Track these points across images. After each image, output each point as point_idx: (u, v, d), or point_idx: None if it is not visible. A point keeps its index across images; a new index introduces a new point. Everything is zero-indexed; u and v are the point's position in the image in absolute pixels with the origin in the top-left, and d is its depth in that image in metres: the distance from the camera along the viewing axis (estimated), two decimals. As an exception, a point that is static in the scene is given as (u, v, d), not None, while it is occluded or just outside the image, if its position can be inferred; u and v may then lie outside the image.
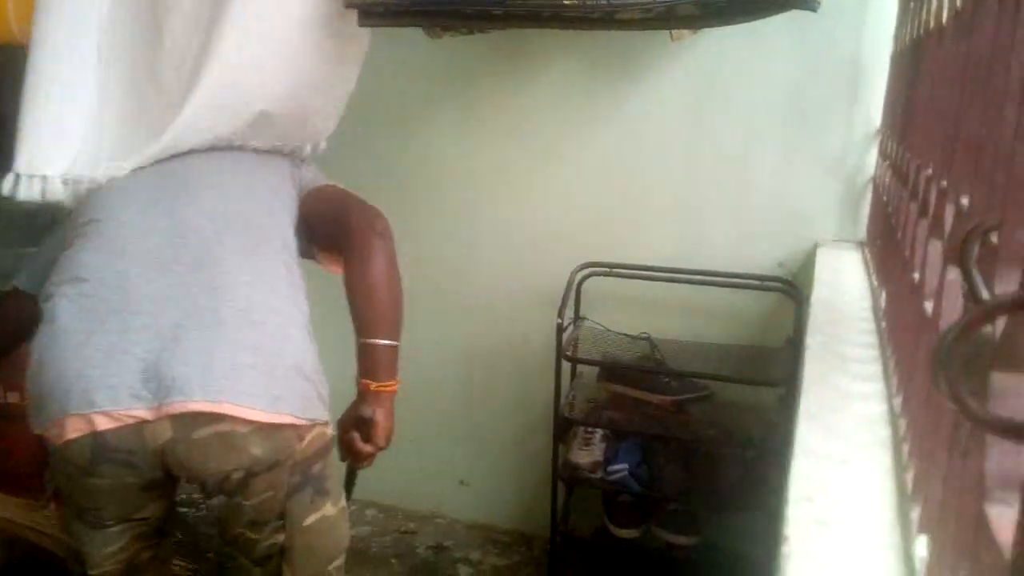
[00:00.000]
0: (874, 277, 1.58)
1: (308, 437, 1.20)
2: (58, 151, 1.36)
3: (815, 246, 1.96)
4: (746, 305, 2.05)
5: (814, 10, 0.99)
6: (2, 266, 2.32)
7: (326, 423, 1.25)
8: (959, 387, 0.40)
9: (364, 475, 1.46)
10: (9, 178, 1.36)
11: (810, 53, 1.86)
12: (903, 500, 0.78)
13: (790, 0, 0.99)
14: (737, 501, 1.98)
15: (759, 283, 1.95)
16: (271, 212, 1.34)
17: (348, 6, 1.30)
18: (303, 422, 1.17)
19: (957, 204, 0.71)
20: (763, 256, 2.02)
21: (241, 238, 1.26)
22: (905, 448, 0.86)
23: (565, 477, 2.02)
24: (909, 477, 0.79)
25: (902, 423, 0.92)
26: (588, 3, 1.08)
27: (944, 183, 0.81)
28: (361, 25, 1.32)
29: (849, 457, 0.90)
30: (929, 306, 0.83)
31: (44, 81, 1.34)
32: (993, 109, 0.60)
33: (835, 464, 0.88)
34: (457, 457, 2.46)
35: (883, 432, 0.95)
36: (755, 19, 1.14)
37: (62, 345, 1.10)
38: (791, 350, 1.92)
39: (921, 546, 0.69)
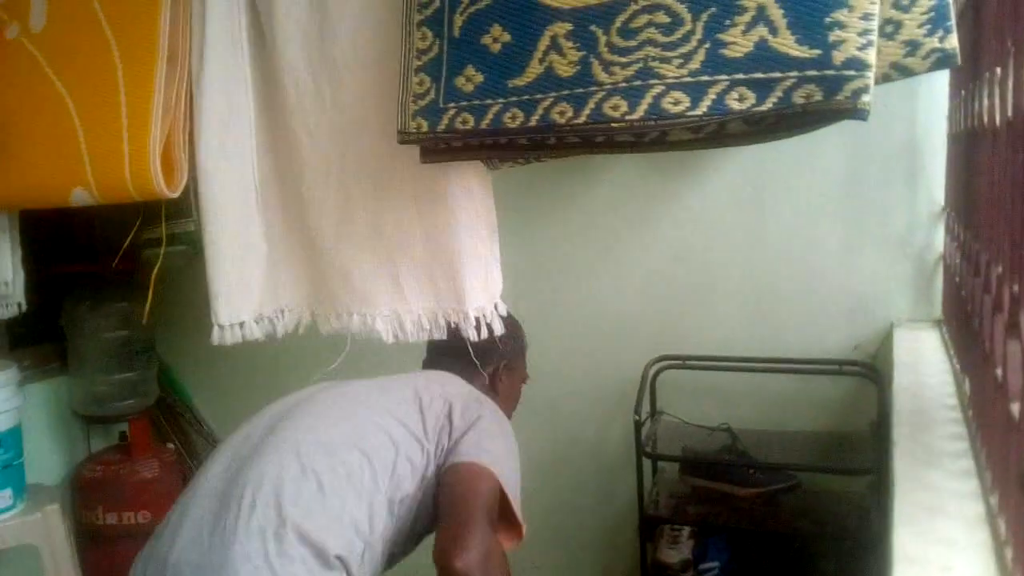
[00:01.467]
0: (955, 360, 1.56)
1: None
2: (247, 298, 1.67)
3: (891, 326, 1.94)
4: (825, 390, 2.03)
5: (864, 119, 1.03)
6: (100, 392, 2.49)
7: None
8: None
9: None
10: (216, 331, 1.66)
11: (864, 139, 1.90)
12: (1013, 611, 0.77)
13: (840, 112, 1.02)
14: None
15: (837, 368, 1.93)
16: (339, 500, 1.20)
17: (402, 143, 1.39)
18: None
19: (1031, 314, 0.73)
20: (838, 339, 2.01)
21: (265, 521, 1.15)
22: (1008, 553, 0.84)
23: (653, 576, 1.99)
24: (1016, 586, 0.78)
25: (1001, 523, 0.91)
26: (636, 125, 1.14)
27: (1016, 288, 0.83)
28: (423, 162, 1.41)
29: (951, 564, 0.89)
30: (1016, 409, 0.84)
31: (223, 246, 1.63)
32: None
33: (937, 572, 0.87)
34: (542, 563, 2.44)
35: (983, 534, 0.94)
36: (804, 132, 1.18)
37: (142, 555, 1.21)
38: (876, 435, 1.89)
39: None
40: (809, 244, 2.00)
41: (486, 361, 1.58)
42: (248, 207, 1.67)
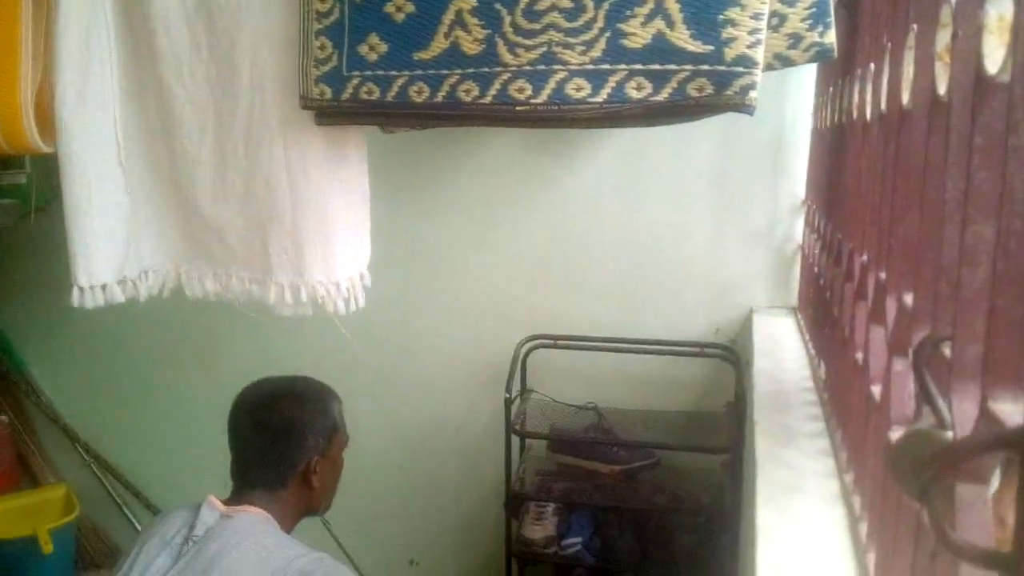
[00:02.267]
0: (810, 345, 1.64)
1: None
2: (109, 259, 1.52)
3: (750, 312, 2.03)
4: (687, 372, 2.10)
5: (750, 114, 1.06)
6: None
7: None
8: (941, 522, 0.42)
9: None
10: (75, 293, 1.51)
11: (734, 131, 1.96)
12: (867, 586, 0.80)
13: (729, 106, 1.04)
14: (690, 568, 1.98)
15: (699, 350, 2.00)
16: None
17: (305, 108, 1.31)
18: None
19: (899, 300, 0.75)
20: (701, 323, 2.08)
21: None
22: (863, 529, 0.88)
23: (519, 553, 2.00)
24: (871, 560, 0.82)
25: (856, 501, 0.95)
26: (539, 109, 1.13)
27: (883, 275, 0.86)
28: (318, 124, 1.34)
29: (810, 540, 0.92)
30: (877, 391, 0.87)
31: (82, 199, 1.48)
32: (931, 223, 0.65)
33: (796, 548, 0.90)
34: (407, 537, 2.41)
35: (839, 511, 0.98)
36: (694, 120, 1.20)
37: None
38: (733, 414, 1.97)
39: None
40: (678, 232, 2.05)
41: (295, 468, 1.33)
42: (109, 161, 1.51)
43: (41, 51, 1.46)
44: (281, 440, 1.32)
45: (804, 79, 1.90)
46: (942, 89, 0.63)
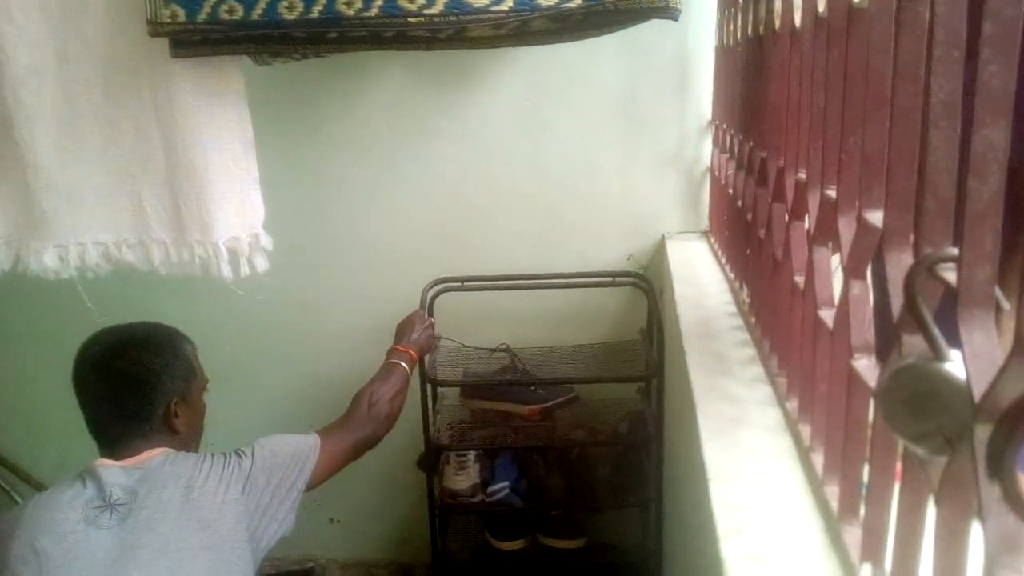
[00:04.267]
0: (728, 269, 1.61)
1: None
2: None
3: (663, 238, 1.99)
4: (601, 303, 2.06)
5: (675, 19, 0.96)
6: None
7: None
8: (1019, 493, 0.36)
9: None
10: None
11: (639, 53, 1.88)
12: (830, 522, 0.76)
13: (650, 11, 0.94)
14: (617, 498, 1.98)
15: (611, 279, 1.95)
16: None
17: (154, 35, 1.12)
18: None
19: (860, 219, 0.69)
20: (614, 254, 2.03)
21: None
22: (817, 460, 0.85)
23: (445, 506, 1.94)
24: (831, 494, 0.78)
25: (804, 431, 0.92)
26: (436, 21, 0.99)
27: (831, 193, 0.80)
28: (174, 56, 1.15)
29: (762, 475, 0.88)
30: (827, 316, 0.83)
31: None
32: (903, 132, 0.58)
33: (749, 485, 0.86)
34: (324, 495, 2.30)
35: (786, 441, 0.95)
36: (612, 31, 1.10)
37: None
38: (647, 342, 1.95)
39: (866, 574, 0.67)
40: (587, 161, 1.98)
41: (154, 414, 1.26)
42: None
43: None
44: (135, 388, 1.24)
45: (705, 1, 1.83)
46: (917, -22, 0.55)
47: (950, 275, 0.49)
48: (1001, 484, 0.38)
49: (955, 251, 0.47)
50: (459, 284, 1.97)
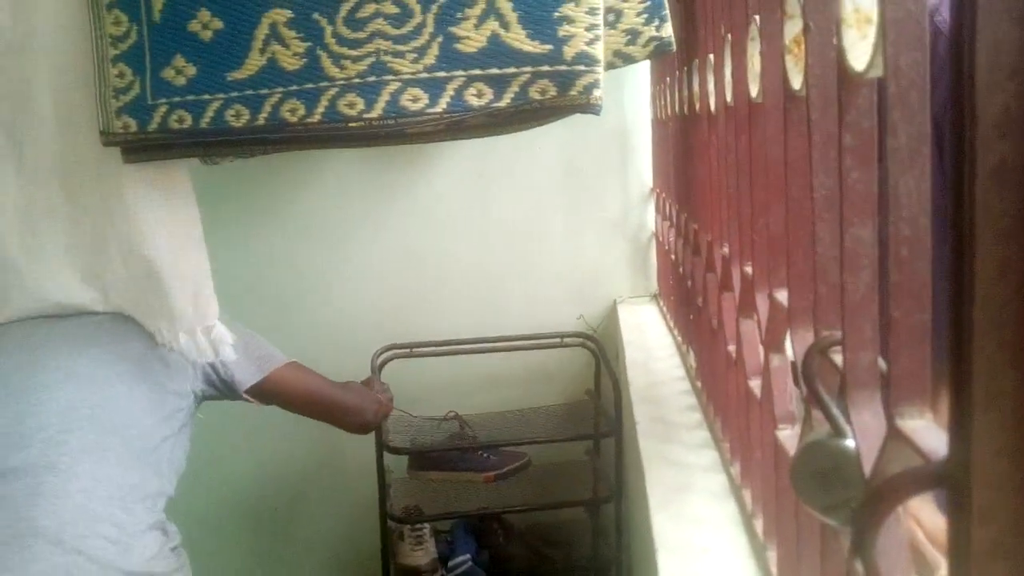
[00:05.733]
0: (676, 333, 1.66)
1: None
2: None
3: (614, 303, 2.04)
4: (552, 365, 2.09)
5: (597, 113, 1.03)
6: None
7: None
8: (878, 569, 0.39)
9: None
10: None
11: (580, 126, 1.92)
12: (771, 587, 0.79)
13: (574, 107, 1.01)
14: (586, 560, 1.98)
15: (559, 340, 1.98)
16: (129, 402, 1.20)
17: (107, 145, 1.15)
18: None
19: (771, 297, 0.74)
20: (564, 317, 2.07)
21: (90, 437, 1.13)
22: (758, 525, 0.87)
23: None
24: (771, 559, 0.81)
25: (747, 495, 0.95)
26: (375, 124, 1.04)
27: (748, 269, 0.85)
28: (126, 162, 1.18)
29: (708, 543, 0.90)
30: (755, 385, 0.87)
31: None
32: (798, 220, 0.63)
33: (697, 554, 0.89)
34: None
35: (731, 507, 0.98)
36: (541, 124, 1.16)
37: None
38: (594, 401, 1.98)
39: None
40: (534, 228, 2.03)
41: None
42: None
43: None
44: None
45: (639, 68, 1.92)
46: (796, 83, 0.61)
47: (839, 358, 0.53)
48: (863, 563, 0.41)
49: (839, 335, 0.51)
50: (408, 351, 1.98)
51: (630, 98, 1.96)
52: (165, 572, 1.10)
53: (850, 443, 0.54)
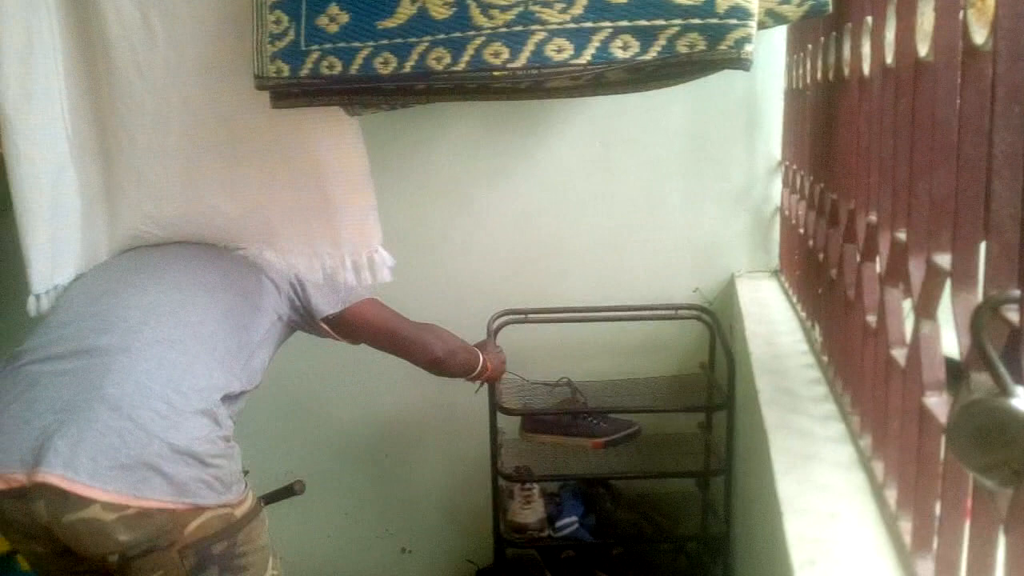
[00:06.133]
0: (799, 308, 1.63)
1: (198, 520, 1.19)
2: (62, 261, 1.45)
3: (732, 276, 2.01)
4: (665, 337, 2.07)
5: (747, 69, 1.01)
6: None
7: (230, 504, 1.24)
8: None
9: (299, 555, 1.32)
10: (31, 301, 1.44)
11: (707, 96, 1.92)
12: (903, 555, 0.78)
13: (723, 62, 0.99)
14: (687, 533, 1.99)
15: (674, 312, 1.97)
16: (209, 306, 1.34)
17: (260, 88, 1.23)
18: (177, 506, 1.16)
19: (929, 261, 0.72)
20: (679, 289, 2.05)
21: (164, 330, 1.28)
22: (890, 496, 0.86)
23: (511, 540, 1.96)
24: (905, 528, 0.80)
25: (877, 467, 0.93)
26: (519, 74, 1.06)
27: (901, 236, 0.83)
28: (274, 107, 1.25)
29: (836, 510, 0.90)
30: (899, 355, 0.85)
31: (33, 205, 1.40)
32: (969, 179, 0.62)
33: (824, 519, 0.89)
34: (396, 524, 2.37)
35: (858, 478, 0.96)
36: (685, 81, 1.15)
37: None
38: (707, 375, 1.96)
39: (940, 606, 0.69)
40: (654, 198, 2.02)
41: None
42: (60, 160, 1.42)
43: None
44: None
45: (773, 39, 1.87)
46: (980, 38, 0.59)
47: (1014, 315, 0.52)
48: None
49: (1018, 293, 0.51)
50: (523, 316, 2.02)
51: (762, 68, 1.91)
52: (207, 453, 1.20)
53: (1016, 402, 0.53)
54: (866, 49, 1.00)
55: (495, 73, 1.08)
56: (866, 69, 1.01)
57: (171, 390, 1.22)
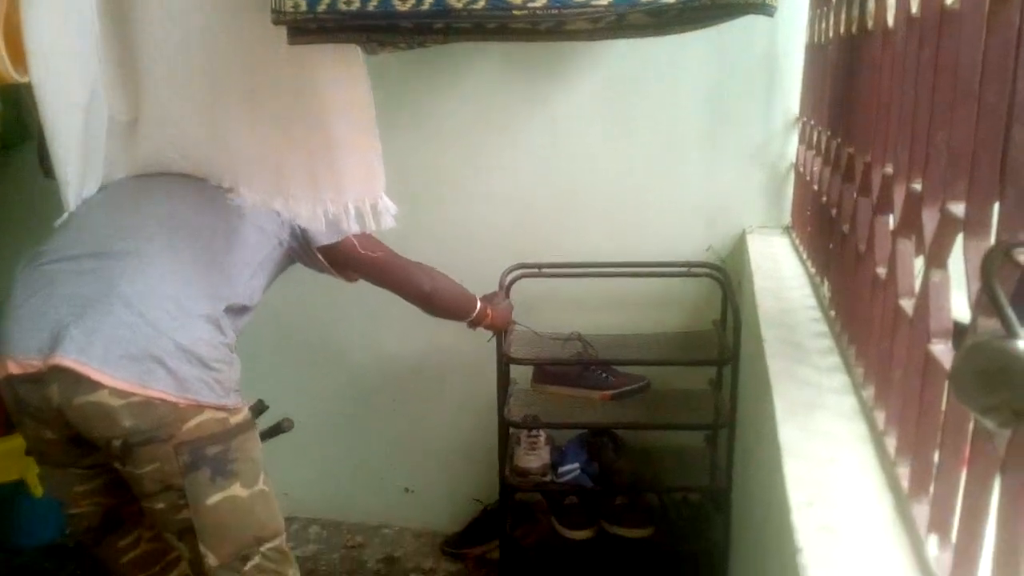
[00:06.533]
0: (809, 264, 1.63)
1: (195, 419, 1.26)
2: (91, 179, 1.51)
3: (743, 232, 2.01)
4: (677, 293, 2.09)
5: (771, 15, 1.00)
6: None
7: (227, 408, 1.32)
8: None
9: (304, 491, 1.36)
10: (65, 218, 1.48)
11: (726, 50, 1.90)
12: (900, 499, 0.80)
13: (747, 7, 0.98)
14: (689, 486, 2.02)
15: (686, 269, 1.98)
16: (218, 223, 1.43)
17: (277, 23, 1.22)
18: (179, 400, 1.24)
19: (943, 210, 0.73)
20: (692, 245, 2.05)
21: (177, 240, 1.38)
22: (890, 444, 0.88)
23: (515, 483, 2.00)
24: (903, 474, 0.82)
25: (879, 416, 0.95)
26: (539, 14, 1.05)
27: (916, 186, 0.83)
28: (291, 43, 1.24)
29: (835, 455, 0.92)
30: (907, 305, 0.86)
31: (66, 127, 1.42)
32: (988, 126, 0.62)
33: (823, 464, 0.90)
34: (400, 465, 2.42)
35: (860, 426, 0.98)
36: (708, 26, 1.14)
37: (9, 305, 1.30)
38: (719, 332, 1.98)
39: (932, 546, 0.71)
40: (669, 153, 2.01)
41: None
42: (93, 80, 1.43)
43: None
44: None
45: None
46: (1009, -19, 0.59)
47: (1025, 259, 0.53)
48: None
49: (1030, 236, 0.51)
50: (536, 270, 2.03)
51: (784, 22, 1.88)
52: (210, 357, 1.29)
53: (1021, 344, 0.54)
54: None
55: (515, 12, 1.07)
56: (890, 20, 1.00)
57: (181, 294, 1.31)
